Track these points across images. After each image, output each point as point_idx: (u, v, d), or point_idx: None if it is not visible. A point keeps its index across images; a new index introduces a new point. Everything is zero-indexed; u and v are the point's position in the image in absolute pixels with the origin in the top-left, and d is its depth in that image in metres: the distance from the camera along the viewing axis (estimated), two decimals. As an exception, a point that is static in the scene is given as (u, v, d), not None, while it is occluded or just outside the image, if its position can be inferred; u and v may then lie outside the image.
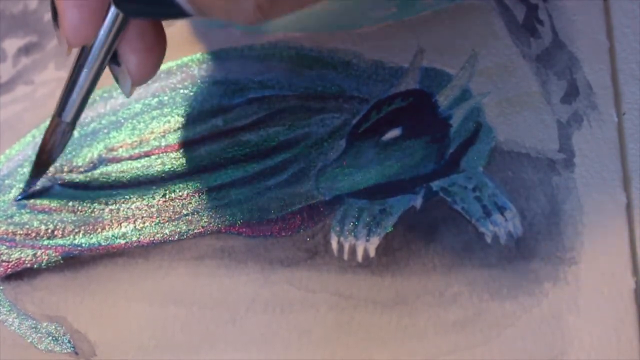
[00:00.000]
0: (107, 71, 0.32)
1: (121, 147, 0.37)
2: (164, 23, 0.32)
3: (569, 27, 0.36)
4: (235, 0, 0.25)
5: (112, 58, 0.31)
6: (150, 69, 0.32)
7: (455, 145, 0.34)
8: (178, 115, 0.37)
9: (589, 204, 0.32)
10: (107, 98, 0.38)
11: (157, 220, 0.35)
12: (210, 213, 0.34)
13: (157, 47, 0.31)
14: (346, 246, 0.33)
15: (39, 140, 0.37)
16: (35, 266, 0.34)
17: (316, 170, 0.35)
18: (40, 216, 0.35)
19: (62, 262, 0.34)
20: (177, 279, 0.33)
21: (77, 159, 0.37)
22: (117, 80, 0.32)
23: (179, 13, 0.27)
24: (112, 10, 0.30)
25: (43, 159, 0.35)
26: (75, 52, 0.31)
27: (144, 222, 0.35)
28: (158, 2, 0.27)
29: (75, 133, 0.37)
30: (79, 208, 0.35)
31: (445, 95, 0.35)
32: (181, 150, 0.36)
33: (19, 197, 0.36)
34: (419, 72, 0.36)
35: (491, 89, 0.35)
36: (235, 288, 0.33)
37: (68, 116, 0.33)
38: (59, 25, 0.30)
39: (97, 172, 0.36)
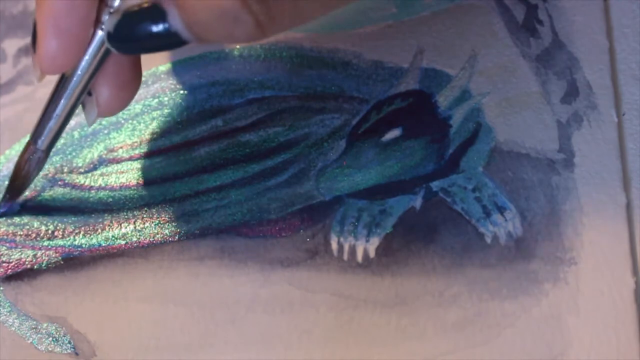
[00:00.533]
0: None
1: (121, 147, 0.37)
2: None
3: (569, 27, 0.36)
4: (235, 21, 0.25)
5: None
6: (120, 104, 0.31)
7: (455, 145, 0.34)
8: (178, 115, 0.37)
9: (589, 204, 0.32)
10: (107, 98, 0.38)
11: (157, 221, 0.35)
12: (210, 213, 0.34)
13: (132, 84, 0.31)
14: (346, 246, 0.33)
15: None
16: (35, 267, 0.34)
17: (316, 171, 0.35)
18: (40, 217, 0.35)
19: (62, 262, 0.34)
20: (177, 280, 0.33)
21: (77, 160, 0.37)
22: (83, 107, 0.32)
23: (176, 43, 0.26)
24: (96, 43, 0.29)
25: (16, 185, 0.34)
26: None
27: (144, 223, 0.35)
28: (155, 35, 0.26)
29: (75, 134, 0.37)
30: (79, 209, 0.35)
31: (445, 95, 0.35)
32: (181, 151, 0.36)
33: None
34: (418, 72, 0.36)
35: (491, 89, 0.35)
36: (235, 288, 0.33)
37: (44, 144, 0.32)
38: (34, 50, 0.29)
39: (97, 172, 0.36)
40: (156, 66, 0.38)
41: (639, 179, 0.32)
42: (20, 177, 0.34)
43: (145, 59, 0.32)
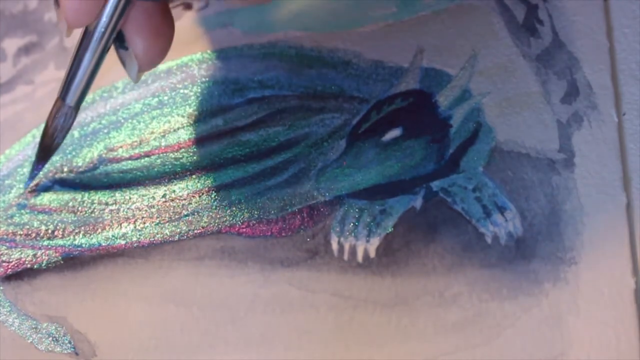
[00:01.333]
0: (106, 71, 0.32)
1: (121, 147, 0.37)
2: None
3: (569, 27, 0.36)
4: None
5: (120, 42, 0.31)
6: (157, 53, 0.31)
7: (455, 145, 0.34)
8: (178, 115, 0.37)
9: (589, 204, 0.32)
10: (107, 98, 0.38)
11: (157, 221, 0.35)
12: (210, 213, 0.34)
13: (165, 31, 0.31)
14: (346, 246, 0.33)
15: (39, 140, 0.37)
16: (35, 266, 0.34)
17: (316, 171, 0.35)
18: (40, 216, 0.35)
19: (62, 262, 0.34)
20: (177, 279, 0.33)
21: (77, 159, 0.37)
22: (123, 64, 0.32)
23: None
24: None
25: (46, 143, 0.34)
26: (76, 33, 0.31)
27: (144, 223, 0.35)
28: None
29: (75, 133, 0.37)
30: (79, 208, 0.35)
31: (445, 95, 0.35)
32: (181, 150, 0.36)
33: (28, 182, 0.36)
34: (419, 72, 0.36)
35: (491, 89, 0.35)
36: (235, 288, 0.33)
37: (72, 100, 0.32)
38: (59, 5, 0.29)
39: (97, 172, 0.36)
40: (156, 65, 0.38)
41: (639, 179, 0.32)
42: (49, 135, 0.34)
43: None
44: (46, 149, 0.35)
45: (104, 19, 0.30)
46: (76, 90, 0.32)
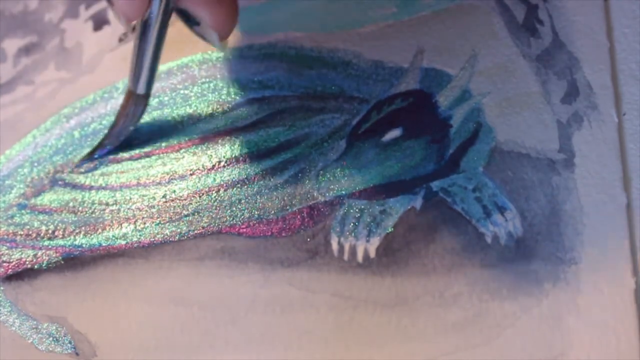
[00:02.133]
0: (107, 71, 0.33)
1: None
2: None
3: (569, 27, 0.36)
4: None
5: (189, 21, 0.32)
6: (226, 17, 0.32)
7: (455, 145, 0.34)
8: (178, 115, 0.37)
9: (589, 204, 0.32)
10: (108, 98, 0.38)
11: (158, 221, 0.35)
12: (211, 213, 0.34)
13: None
14: (346, 247, 0.33)
15: (39, 140, 0.37)
16: (35, 267, 0.34)
17: (316, 171, 0.35)
18: (40, 217, 0.35)
19: (62, 262, 0.34)
20: (178, 280, 0.33)
21: (78, 159, 0.37)
22: (205, 39, 0.33)
23: None
24: None
25: (116, 129, 0.36)
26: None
27: (144, 223, 0.35)
28: None
29: (75, 133, 0.37)
30: (80, 208, 0.35)
31: (445, 95, 0.35)
32: (181, 151, 0.36)
33: (97, 155, 0.37)
34: (419, 72, 0.36)
35: (491, 89, 0.35)
36: (235, 288, 0.33)
37: (141, 88, 0.34)
38: (112, 3, 0.31)
39: (97, 172, 0.36)
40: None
41: (639, 179, 0.32)
42: (119, 123, 0.36)
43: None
44: (116, 134, 0.36)
45: (154, 6, 0.31)
46: (143, 78, 0.34)
